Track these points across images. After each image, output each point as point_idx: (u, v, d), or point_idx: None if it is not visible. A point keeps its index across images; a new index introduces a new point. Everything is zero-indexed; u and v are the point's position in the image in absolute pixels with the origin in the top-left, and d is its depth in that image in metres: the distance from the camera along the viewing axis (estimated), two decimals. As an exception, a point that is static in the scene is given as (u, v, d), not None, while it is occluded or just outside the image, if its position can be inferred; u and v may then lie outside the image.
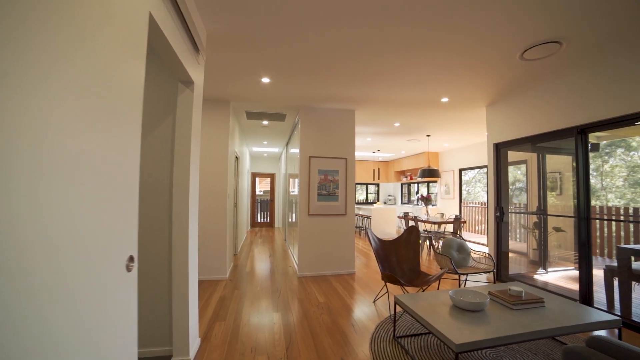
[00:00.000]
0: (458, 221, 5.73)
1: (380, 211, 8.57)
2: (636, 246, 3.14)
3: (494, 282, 3.36)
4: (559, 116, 3.40)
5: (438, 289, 3.17)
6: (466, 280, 3.22)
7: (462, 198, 8.34)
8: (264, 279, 4.31)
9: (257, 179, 11.26)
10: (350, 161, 4.71)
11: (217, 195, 4.25)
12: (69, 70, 0.79)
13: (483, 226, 8.08)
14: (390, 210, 8.67)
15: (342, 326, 2.80)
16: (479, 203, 8.20)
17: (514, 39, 2.52)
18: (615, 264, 3.30)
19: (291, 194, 6.77)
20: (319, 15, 2.23)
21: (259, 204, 11.17)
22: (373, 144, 8.06)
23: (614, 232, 5.17)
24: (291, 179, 6.67)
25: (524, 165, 4.93)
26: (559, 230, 5.27)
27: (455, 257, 3.41)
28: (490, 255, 3.36)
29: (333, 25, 2.37)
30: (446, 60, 2.95)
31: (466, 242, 3.62)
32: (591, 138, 4.80)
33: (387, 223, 8.60)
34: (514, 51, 2.75)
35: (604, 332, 2.66)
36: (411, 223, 6.97)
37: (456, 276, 4.00)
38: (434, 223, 5.87)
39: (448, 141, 7.50)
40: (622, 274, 3.06)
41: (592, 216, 3.17)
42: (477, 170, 8.20)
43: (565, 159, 5.21)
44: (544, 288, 3.81)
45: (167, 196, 2.16)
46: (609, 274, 3.23)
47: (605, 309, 3.16)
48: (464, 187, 8.45)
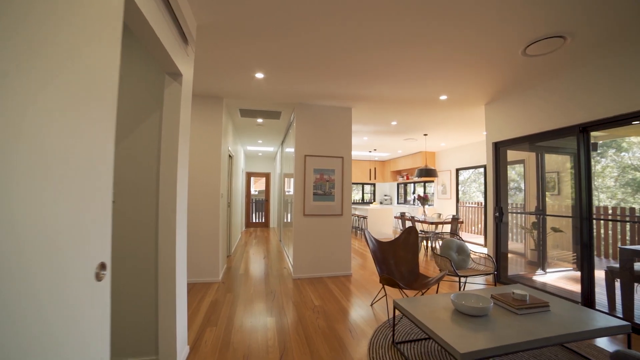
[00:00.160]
0: (456, 221, 5.66)
1: (376, 211, 8.48)
2: (639, 247, 3.08)
3: (494, 285, 3.28)
4: (560, 114, 3.33)
5: (437, 291, 3.08)
6: (465, 283, 3.13)
7: (459, 198, 8.29)
8: (258, 281, 4.19)
9: (252, 178, 11.10)
10: (347, 160, 4.61)
11: (209, 195, 4.11)
12: (20, 44, 0.66)
13: (479, 226, 8.04)
14: (386, 211, 8.59)
15: (339, 331, 2.69)
16: (474, 203, 8.16)
17: (516, 33, 2.44)
18: (616, 265, 3.24)
19: (286, 193, 6.65)
20: (314, 7, 2.12)
21: (254, 204, 11.02)
22: (369, 143, 7.97)
23: (610, 232, 5.15)
24: (286, 179, 6.55)
25: (521, 165, 4.87)
26: (557, 230, 5.22)
27: (454, 259, 3.32)
28: (490, 257, 3.28)
29: (328, 18, 2.26)
30: (446, 55, 2.85)
31: (465, 243, 3.53)
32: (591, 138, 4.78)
33: (383, 223, 8.52)
34: (516, 46, 2.66)
35: (606, 339, 2.59)
36: (408, 223, 6.89)
37: (454, 278, 3.92)
38: (431, 223, 5.79)
39: (445, 140, 7.44)
40: (624, 275, 3.00)
41: (593, 216, 3.09)
42: (472, 170, 8.16)
43: (563, 158, 5.18)
44: (544, 289, 3.74)
45: (154, 195, 2.04)
46: (610, 275, 3.17)
47: (607, 310, 3.09)
48: (459, 187, 8.40)
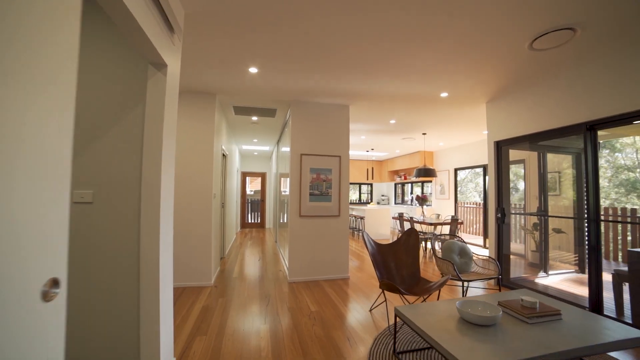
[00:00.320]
0: (455, 222, 5.54)
1: (374, 211, 8.35)
2: (648, 250, 2.97)
3: (498, 289, 3.15)
4: (566, 112, 3.21)
5: (439, 296, 2.94)
6: (468, 287, 3.00)
7: (457, 198, 8.18)
8: (252, 285, 4.03)
9: (247, 178, 10.92)
10: (344, 159, 4.46)
11: (200, 195, 3.94)
12: None
13: (475, 226, 7.95)
14: (384, 211, 8.46)
15: (336, 340, 2.54)
16: (473, 203, 8.06)
17: (524, 25, 2.31)
18: (624, 268, 3.13)
19: (282, 194, 6.49)
20: (311, -9, 1.98)
21: (249, 204, 10.84)
22: (367, 143, 7.83)
23: (611, 234, 5.08)
24: (282, 179, 6.39)
25: (521, 164, 4.76)
26: (559, 231, 5.12)
27: (457, 262, 3.19)
28: (493, 260, 3.15)
29: (326, 10, 2.12)
30: (448, 50, 2.72)
31: (467, 245, 3.40)
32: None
33: (380, 224, 8.39)
34: (523, 40, 2.53)
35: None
36: (407, 224, 6.77)
37: (456, 281, 3.79)
38: (430, 224, 5.66)
39: (444, 140, 7.32)
40: (633, 279, 2.88)
41: (601, 218, 2.97)
42: (469, 170, 8.06)
43: (565, 158, 5.08)
44: (548, 293, 3.62)
45: (136, 195, 1.87)
46: (617, 278, 3.05)
47: (615, 316, 2.98)
48: (457, 188, 8.29)
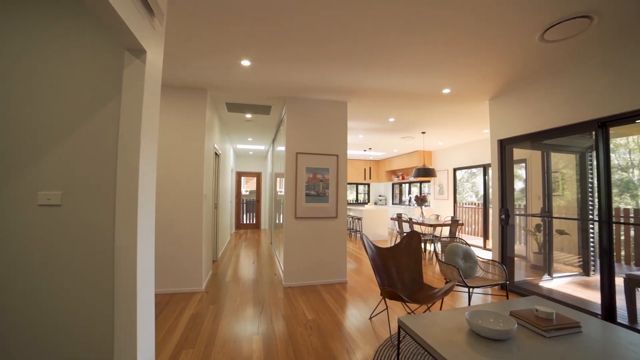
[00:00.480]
0: (456, 223, 5.38)
1: (371, 212, 8.18)
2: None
3: (505, 296, 2.98)
4: (576, 109, 3.05)
5: (442, 303, 2.77)
6: (472, 293, 2.84)
7: (456, 199, 8.04)
8: (245, 290, 3.83)
9: (242, 178, 10.71)
10: (342, 158, 4.28)
11: (191, 196, 3.74)
12: None
13: (473, 227, 7.82)
14: (381, 211, 8.29)
15: (335, 352, 2.36)
16: (471, 203, 7.94)
17: (535, 13, 2.14)
18: (636, 273, 2.99)
19: (278, 194, 6.30)
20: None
21: (244, 204, 10.63)
22: (365, 142, 7.66)
23: (604, 236, 4.90)
24: (278, 179, 6.20)
25: (522, 164, 4.62)
26: (562, 233, 4.99)
27: (461, 267, 3.02)
28: (499, 264, 2.99)
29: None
30: (452, 42, 2.55)
31: (471, 248, 3.24)
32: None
33: (378, 225, 8.22)
34: (534, 30, 2.37)
35: None
36: (405, 225, 6.61)
37: (458, 286, 3.62)
38: (430, 225, 5.50)
39: (443, 139, 7.18)
40: (647, 284, 2.74)
41: (613, 220, 2.82)
42: (465, 170, 7.94)
43: (568, 157, 4.95)
44: (551, 296, 3.47)
45: (112, 198, 1.67)
46: (630, 283, 2.91)
47: (627, 323, 2.83)
48: (457, 188, 8.16)
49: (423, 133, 6.38)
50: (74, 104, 1.67)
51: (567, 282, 4.41)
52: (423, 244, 5.95)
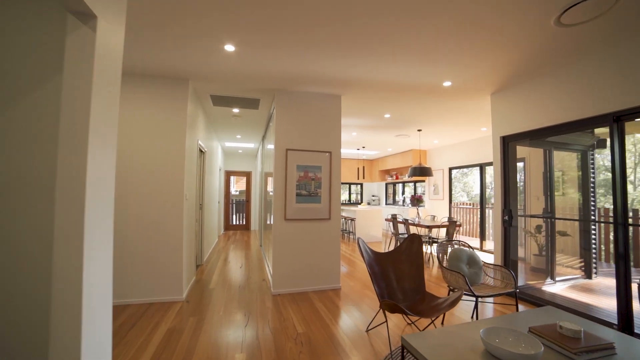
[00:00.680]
0: (454, 224, 5.16)
1: (365, 213, 7.92)
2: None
3: (515, 305, 2.73)
4: (589, 102, 2.83)
5: (444, 316, 2.51)
6: (478, 302, 2.58)
7: (452, 199, 7.85)
8: (230, 298, 3.51)
9: (232, 177, 10.34)
10: (336, 155, 4.00)
11: (169, 197, 3.40)
12: None
13: (467, 227, 7.65)
14: (375, 212, 8.04)
15: (328, 373, 2.07)
16: (465, 203, 7.77)
17: (557, -11, 1.90)
18: (650, 278, 2.78)
19: (270, 193, 5.98)
20: None
21: (233, 204, 10.26)
22: (358, 140, 7.40)
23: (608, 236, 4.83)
24: (269, 178, 5.88)
25: (520, 163, 4.43)
26: (563, 234, 4.81)
27: (466, 273, 2.77)
28: (508, 270, 2.74)
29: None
30: (457, 28, 2.29)
31: (475, 252, 2.99)
32: (597, 135, 4.38)
33: (372, 226, 7.97)
34: (551, 12, 2.12)
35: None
36: (401, 226, 6.37)
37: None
38: (427, 227, 5.27)
39: (439, 137, 6.96)
40: (665, 291, 2.53)
41: (629, 221, 2.60)
42: (457, 170, 7.77)
43: (570, 155, 4.77)
44: (554, 301, 3.25)
45: (51, 198, 1.35)
46: (644, 290, 2.70)
47: (643, 333, 2.62)
48: (452, 188, 7.97)
49: (419, 131, 6.15)
50: (10, 79, 1.34)
51: (569, 285, 4.23)
52: (433, 249, 5.71)
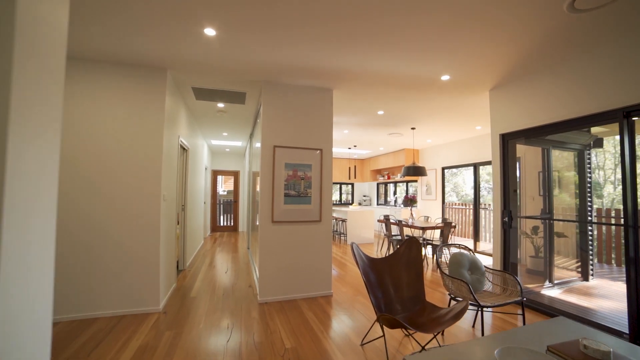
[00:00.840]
0: (449, 226, 4.98)
1: (356, 213, 7.71)
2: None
3: (521, 314, 2.53)
4: (594, 97, 2.67)
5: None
6: (483, 313, 2.36)
7: (444, 199, 7.71)
8: (213, 308, 3.23)
9: (219, 177, 9.98)
10: (327, 153, 3.76)
11: (142, 197, 3.09)
12: None
13: (460, 227, 7.53)
14: (367, 213, 7.84)
15: (320, 398, 1.82)
16: (458, 204, 7.65)
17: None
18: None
19: (259, 194, 5.69)
20: None
21: (221, 205, 9.90)
22: (350, 139, 7.18)
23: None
24: (258, 178, 5.59)
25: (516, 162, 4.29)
26: (560, 235, 4.70)
27: (469, 280, 2.57)
28: (513, 276, 2.54)
29: None
30: (460, 15, 2.08)
31: (477, 256, 2.79)
32: (593, 133, 4.27)
33: (363, 227, 7.76)
34: (563, -6, 1.94)
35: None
36: (394, 228, 6.17)
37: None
38: (421, 228, 5.08)
39: (432, 136, 6.81)
40: (677, 298, 2.38)
41: None
42: (449, 170, 7.66)
43: (566, 155, 4.66)
44: (553, 305, 3.08)
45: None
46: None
47: (653, 342, 2.47)
48: (445, 188, 7.84)
49: (413, 129, 5.97)
50: None
51: (567, 288, 4.10)
52: (432, 253, 5.52)
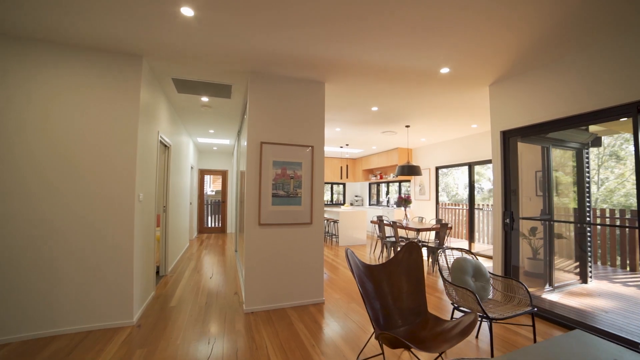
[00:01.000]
0: (445, 227, 4.79)
1: (348, 214, 7.48)
2: None
3: (532, 326, 2.32)
4: (605, 91, 2.49)
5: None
6: (491, 324, 2.15)
7: (438, 199, 7.56)
8: (194, 319, 2.94)
9: (207, 177, 9.63)
10: (318, 150, 3.51)
11: (113, 198, 2.77)
12: None
13: (454, 228, 7.38)
14: (359, 213, 7.62)
15: None
16: (452, 204, 7.51)
17: None
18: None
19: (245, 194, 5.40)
20: None
21: (209, 205, 9.54)
22: (342, 137, 6.95)
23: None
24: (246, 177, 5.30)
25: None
26: (560, 237, 4.56)
27: (473, 288, 2.35)
28: (521, 284, 2.34)
29: None
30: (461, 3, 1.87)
31: (480, 261, 2.58)
32: (592, 132, 4.15)
33: (355, 228, 7.54)
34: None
35: None
36: (388, 229, 5.95)
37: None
38: (417, 230, 4.88)
39: (427, 135, 6.63)
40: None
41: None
42: (442, 169, 7.51)
43: (565, 154, 4.52)
44: (554, 311, 2.91)
45: None
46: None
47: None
48: (439, 188, 7.68)
49: (407, 127, 5.77)
50: None
51: (567, 292, 3.97)
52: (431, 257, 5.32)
